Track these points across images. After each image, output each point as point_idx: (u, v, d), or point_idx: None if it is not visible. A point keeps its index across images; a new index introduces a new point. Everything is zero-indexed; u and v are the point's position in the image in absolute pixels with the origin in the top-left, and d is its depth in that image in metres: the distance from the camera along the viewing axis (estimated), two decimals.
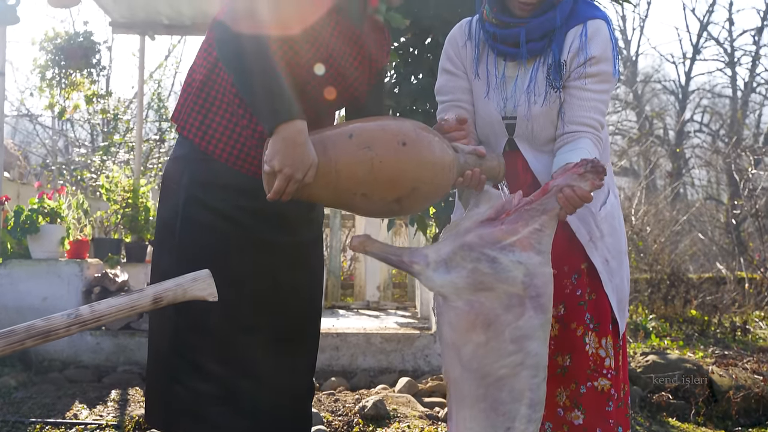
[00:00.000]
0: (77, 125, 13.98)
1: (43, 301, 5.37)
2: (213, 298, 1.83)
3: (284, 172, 1.85)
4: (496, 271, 1.90)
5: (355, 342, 5.21)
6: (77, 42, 6.72)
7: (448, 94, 2.38)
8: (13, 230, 5.41)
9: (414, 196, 1.96)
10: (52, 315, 1.72)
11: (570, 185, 1.94)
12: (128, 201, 6.66)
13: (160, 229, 2.28)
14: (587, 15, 2.24)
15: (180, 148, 2.25)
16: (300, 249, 2.29)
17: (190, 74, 2.26)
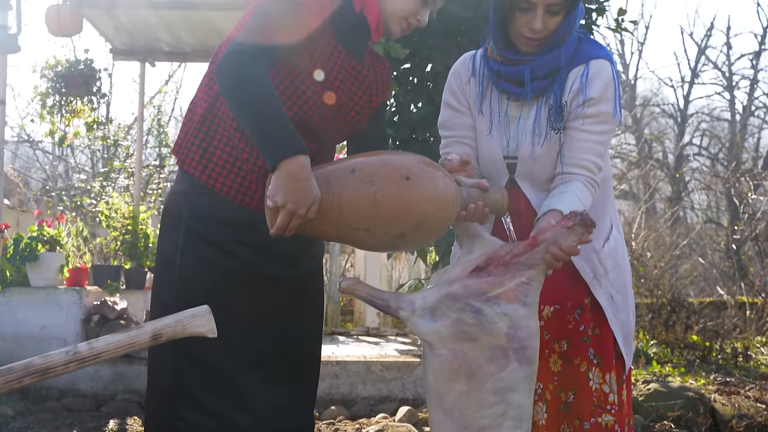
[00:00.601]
0: (77, 151, 14.00)
1: (42, 329, 5.36)
2: (212, 335, 1.82)
3: (287, 207, 1.84)
4: (481, 322, 1.91)
5: (355, 370, 5.18)
6: (78, 69, 6.75)
7: (451, 130, 2.36)
8: (12, 258, 5.41)
9: (418, 230, 1.95)
10: (51, 352, 1.71)
11: (557, 243, 1.93)
12: (128, 228, 6.68)
13: (160, 263, 2.27)
14: (590, 55, 2.22)
15: (180, 183, 2.25)
16: (300, 282, 2.28)
17: (191, 108, 2.27)
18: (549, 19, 2.13)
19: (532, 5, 2.11)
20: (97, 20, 7.39)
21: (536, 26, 2.12)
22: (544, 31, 2.14)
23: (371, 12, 2.17)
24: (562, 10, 2.12)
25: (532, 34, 2.15)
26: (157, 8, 7.17)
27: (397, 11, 2.17)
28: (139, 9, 7.18)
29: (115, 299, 5.67)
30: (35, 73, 6.82)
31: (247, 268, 2.16)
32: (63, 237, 5.60)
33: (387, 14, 2.18)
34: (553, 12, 2.12)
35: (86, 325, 5.42)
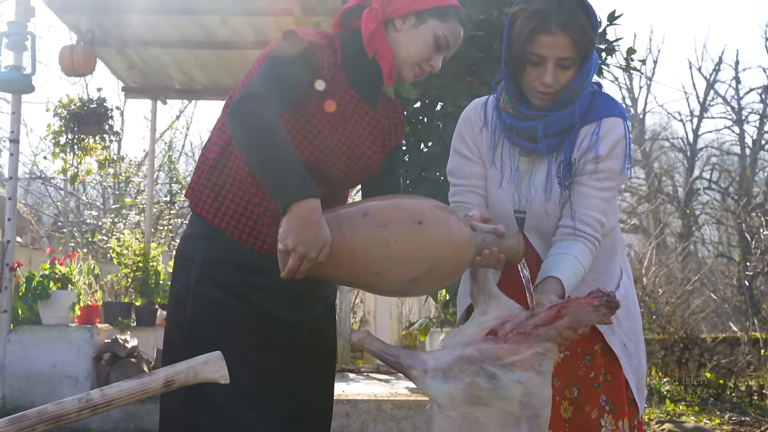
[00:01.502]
0: (89, 186, 14.09)
1: (53, 367, 5.36)
2: (225, 381, 1.81)
3: (298, 250, 1.83)
4: (495, 387, 1.87)
5: (366, 409, 5.16)
6: (90, 108, 6.82)
7: (462, 178, 2.33)
8: (25, 296, 5.44)
9: (430, 275, 1.93)
10: (64, 399, 1.71)
11: (577, 324, 1.88)
12: (139, 264, 6.69)
13: (173, 305, 2.28)
14: (603, 113, 2.18)
15: (192, 226, 2.27)
16: (312, 325, 2.28)
17: (204, 152, 2.28)
18: (560, 73, 2.09)
19: (543, 59, 2.08)
20: (109, 59, 7.49)
21: (547, 80, 2.09)
22: (555, 85, 2.10)
23: (384, 58, 2.18)
24: (573, 64, 2.09)
25: (544, 88, 2.11)
26: (169, 47, 7.27)
27: (410, 57, 2.18)
28: (151, 48, 7.29)
29: (126, 337, 5.67)
30: (48, 112, 6.89)
31: (258, 312, 2.16)
32: (75, 275, 5.62)
33: (400, 60, 2.18)
34: (565, 66, 2.08)
35: (97, 363, 5.42)
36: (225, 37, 7.08)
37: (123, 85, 8.21)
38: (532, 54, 2.09)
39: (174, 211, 11.85)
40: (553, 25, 2.04)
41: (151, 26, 6.91)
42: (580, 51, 2.07)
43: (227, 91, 8.13)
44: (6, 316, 5.42)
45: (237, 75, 7.84)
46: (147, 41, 7.20)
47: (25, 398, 5.32)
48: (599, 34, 4.03)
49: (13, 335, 5.41)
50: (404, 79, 2.24)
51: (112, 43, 7.10)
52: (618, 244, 2.35)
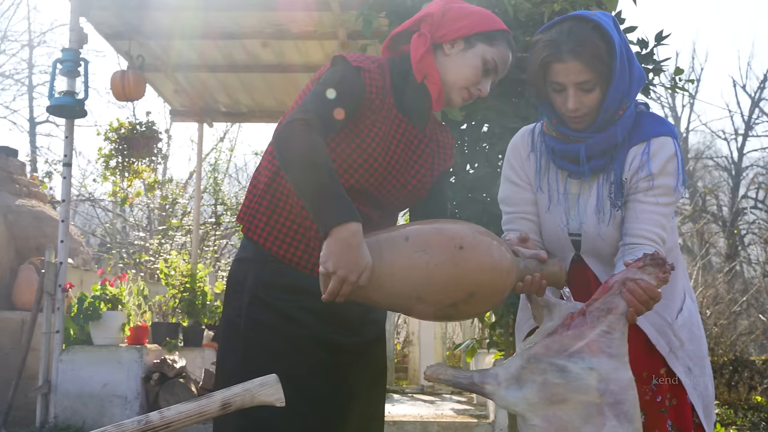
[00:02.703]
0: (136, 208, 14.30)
1: (104, 387, 5.44)
2: (280, 404, 1.83)
3: (338, 274, 1.84)
4: (567, 380, 1.82)
5: (412, 430, 5.15)
6: (140, 132, 6.94)
7: (513, 206, 2.34)
8: (77, 317, 5.53)
9: (471, 301, 1.93)
10: (124, 421, 1.74)
11: (632, 278, 1.87)
12: (186, 285, 6.77)
13: (225, 329, 2.30)
14: (652, 132, 2.18)
15: (244, 250, 2.29)
16: (363, 348, 2.29)
17: (256, 176, 2.31)
18: (584, 96, 2.10)
19: (563, 86, 2.11)
20: (158, 83, 7.64)
21: (570, 106, 2.11)
22: (582, 108, 2.12)
23: (433, 82, 2.19)
24: (595, 86, 2.09)
25: (571, 113, 2.13)
26: (215, 71, 7.39)
27: (459, 82, 2.19)
28: (198, 72, 7.41)
29: (174, 357, 5.74)
30: (99, 135, 7.04)
31: (310, 335, 2.18)
32: (124, 296, 5.71)
33: (449, 85, 2.19)
34: (586, 89, 2.09)
35: (146, 383, 5.49)
36: (270, 60, 7.18)
37: (170, 108, 8.36)
38: (551, 82, 2.12)
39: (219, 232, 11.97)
40: (564, 53, 2.07)
41: (199, 51, 7.04)
42: (597, 73, 2.08)
43: (272, 113, 8.26)
44: (58, 336, 5.52)
45: (282, 98, 7.95)
46: (194, 65, 7.34)
47: (76, 417, 5.40)
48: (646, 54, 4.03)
49: (65, 355, 5.50)
50: (453, 104, 2.25)
51: (161, 67, 7.24)
52: (679, 266, 2.31)
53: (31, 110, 19.83)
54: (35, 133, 19.65)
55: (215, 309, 6.86)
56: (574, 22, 2.12)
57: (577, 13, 2.18)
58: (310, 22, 6.37)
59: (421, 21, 2.21)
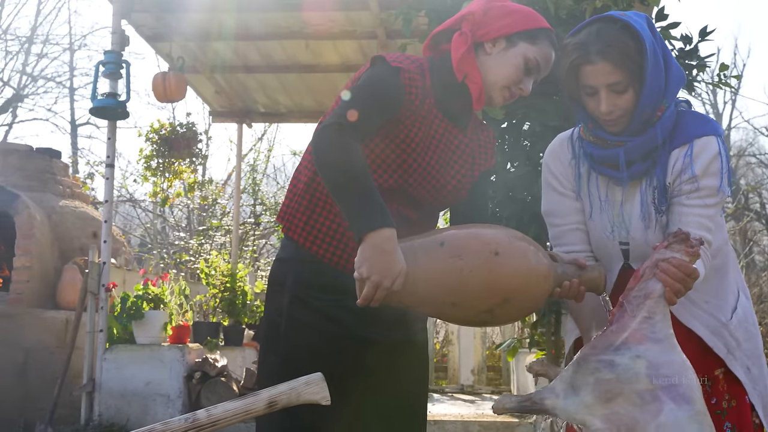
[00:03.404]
0: (176, 208, 14.46)
1: (147, 385, 5.50)
2: (326, 402, 1.84)
3: (372, 279, 1.85)
4: (617, 373, 1.80)
5: (453, 430, 5.14)
6: (180, 133, 7.01)
7: (561, 217, 2.28)
8: (120, 316, 5.60)
9: (507, 306, 1.91)
10: (171, 419, 1.76)
11: (663, 258, 1.85)
12: (226, 285, 6.82)
13: (266, 329, 2.31)
14: (694, 132, 2.11)
15: (285, 249, 2.30)
16: (404, 347, 2.28)
17: (296, 175, 2.32)
18: (616, 98, 2.05)
19: (594, 89, 2.06)
20: (198, 85, 7.71)
21: (602, 108, 2.06)
22: (616, 110, 2.07)
23: (473, 82, 2.17)
24: (628, 87, 2.04)
25: (605, 116, 2.08)
26: (255, 71, 7.44)
27: (500, 81, 2.17)
28: (237, 73, 7.46)
29: (216, 356, 5.79)
30: (140, 137, 7.12)
31: (350, 334, 2.18)
32: (166, 295, 5.77)
33: (490, 84, 2.17)
34: (619, 90, 2.05)
35: (188, 382, 5.54)
36: (309, 60, 7.21)
37: (210, 109, 8.43)
38: (583, 85, 2.08)
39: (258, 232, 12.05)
40: (592, 54, 2.04)
41: (238, 52, 7.09)
42: (629, 73, 2.03)
43: (311, 113, 8.29)
44: (102, 335, 5.60)
45: (320, 98, 7.98)
46: (233, 66, 7.39)
47: (120, 415, 5.47)
48: (690, 50, 3.98)
49: (109, 354, 5.58)
50: (494, 103, 2.23)
51: (200, 69, 7.31)
52: (730, 263, 2.26)
53: (73, 112, 20.15)
54: (77, 134, 19.95)
55: (255, 308, 6.91)
56: (602, 23, 2.08)
57: (606, 14, 2.14)
58: (348, 22, 6.39)
59: (463, 20, 2.20)
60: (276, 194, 14.03)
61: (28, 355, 6.46)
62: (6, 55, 17.73)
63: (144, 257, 10.38)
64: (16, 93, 17.09)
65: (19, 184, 7.35)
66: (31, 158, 7.75)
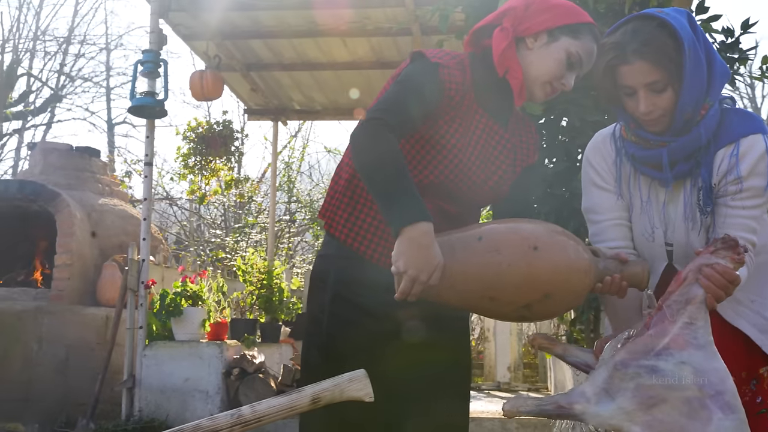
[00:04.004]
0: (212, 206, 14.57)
1: (185, 381, 5.55)
2: (369, 399, 1.85)
3: (409, 273, 1.85)
4: (662, 379, 1.77)
5: (490, 427, 5.12)
6: (217, 131, 7.06)
7: (602, 213, 2.25)
8: (159, 313, 5.65)
9: (545, 302, 1.90)
10: (217, 415, 1.78)
11: (707, 264, 1.82)
12: (263, 282, 6.86)
13: (309, 326, 2.32)
14: (740, 131, 2.06)
15: (327, 246, 2.31)
16: (446, 344, 2.28)
17: (338, 172, 2.32)
18: (656, 97, 2.02)
19: (632, 89, 2.04)
20: (234, 83, 7.76)
21: (642, 108, 2.04)
22: (656, 110, 2.04)
23: (515, 77, 2.16)
24: (667, 85, 2.01)
25: (644, 116, 2.05)
26: (290, 69, 7.47)
27: (542, 76, 2.15)
28: (272, 70, 7.50)
29: (254, 353, 5.82)
30: (178, 135, 7.18)
31: (393, 331, 2.18)
32: (205, 292, 5.81)
33: (531, 79, 2.16)
34: (658, 90, 2.02)
35: (226, 379, 5.58)
36: (344, 57, 7.22)
37: (245, 107, 8.47)
38: (621, 86, 2.06)
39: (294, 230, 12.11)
40: (629, 54, 2.01)
41: (273, 49, 7.12)
42: (667, 72, 2.00)
43: (345, 110, 8.31)
44: (142, 332, 5.66)
45: (355, 95, 7.99)
46: (269, 64, 7.43)
47: (160, 411, 5.52)
48: (732, 43, 3.92)
49: (148, 350, 5.63)
50: (535, 98, 2.22)
51: (236, 67, 7.35)
52: None
53: (109, 111, 20.40)
54: (113, 133, 20.19)
55: (291, 306, 6.94)
56: (639, 21, 2.06)
57: (643, 11, 2.11)
58: (384, 19, 6.39)
59: (504, 15, 2.19)
60: (311, 191, 14.09)
61: (69, 352, 6.56)
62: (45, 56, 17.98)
63: (181, 255, 10.46)
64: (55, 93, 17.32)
65: (59, 182, 7.45)
66: (71, 157, 7.86)
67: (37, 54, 17.62)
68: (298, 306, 7.04)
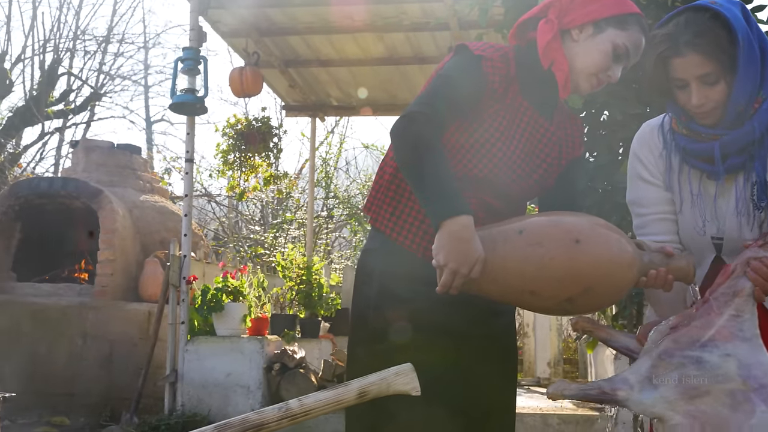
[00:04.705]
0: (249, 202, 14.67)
1: (227, 376, 5.59)
2: (416, 393, 1.84)
3: (449, 266, 1.85)
4: (706, 371, 1.76)
5: (532, 423, 5.09)
6: (256, 127, 7.10)
7: (647, 206, 2.21)
8: (200, 308, 5.70)
9: (588, 296, 1.88)
10: (264, 408, 1.78)
11: (755, 257, 1.80)
12: (302, 278, 6.89)
13: (354, 320, 2.32)
14: None
15: (372, 240, 2.31)
16: (491, 340, 2.27)
17: (382, 167, 2.32)
18: (708, 90, 1.98)
19: (684, 81, 2.00)
20: (272, 79, 7.80)
21: (694, 101, 2.00)
22: (708, 102, 2.00)
23: (560, 69, 2.14)
24: (720, 78, 1.97)
25: (696, 109, 2.02)
26: (328, 65, 7.48)
27: (588, 68, 2.13)
28: (310, 66, 7.52)
29: (294, 348, 5.85)
30: (217, 132, 7.23)
31: (438, 325, 2.17)
32: (245, 288, 5.85)
33: (576, 71, 2.14)
34: (710, 82, 1.97)
35: (268, 374, 5.61)
36: (381, 53, 7.23)
37: (283, 104, 8.51)
38: (672, 78, 2.02)
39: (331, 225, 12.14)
40: (681, 46, 1.97)
41: (311, 46, 7.14)
42: (720, 64, 1.95)
43: (383, 106, 8.30)
44: (184, 327, 5.71)
45: (393, 90, 7.99)
46: (307, 60, 7.45)
47: (202, 406, 5.58)
48: None
49: (190, 345, 5.68)
50: (581, 91, 2.19)
51: (274, 63, 7.38)
52: None
53: (147, 109, 20.62)
54: (151, 131, 20.40)
55: (331, 301, 6.96)
56: (691, 12, 2.01)
57: (696, 2, 2.06)
58: (421, 14, 6.38)
59: (549, 7, 2.17)
60: (348, 187, 14.12)
61: (113, 347, 6.65)
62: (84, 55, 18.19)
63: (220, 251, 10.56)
64: (94, 91, 17.53)
65: (101, 179, 7.56)
66: (113, 154, 7.96)
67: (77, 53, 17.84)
68: (338, 302, 7.06)
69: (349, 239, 13.95)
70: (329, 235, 12.18)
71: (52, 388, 6.50)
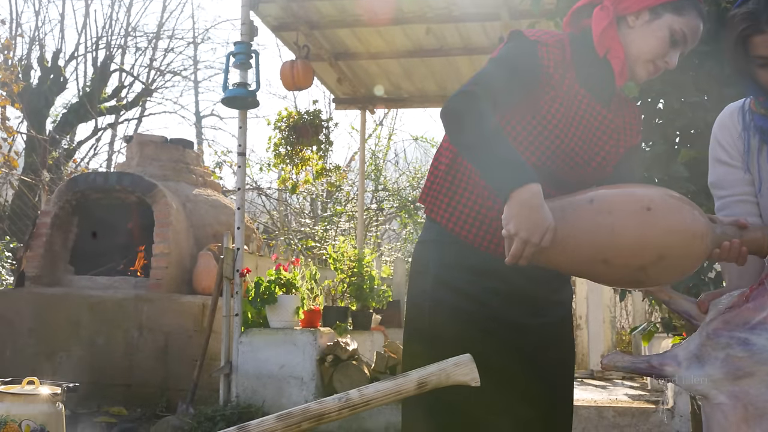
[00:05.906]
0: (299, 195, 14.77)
1: (281, 368, 5.64)
2: (475, 383, 1.84)
3: (520, 235, 1.81)
4: (752, 353, 1.75)
5: (586, 416, 5.05)
6: (307, 120, 7.14)
7: (727, 188, 2.18)
8: (254, 301, 5.76)
9: (661, 264, 1.85)
10: (325, 399, 1.80)
11: None
12: (354, 270, 6.91)
13: (410, 311, 2.32)
14: None
15: (428, 231, 2.30)
16: (548, 330, 2.25)
17: (437, 158, 2.31)
18: None
19: (766, 59, 1.96)
20: (321, 72, 7.83)
21: None
22: None
23: (616, 56, 2.12)
24: None
25: None
26: (377, 58, 7.49)
27: (644, 54, 2.10)
28: (360, 59, 7.53)
29: (347, 340, 5.87)
30: (269, 125, 7.29)
31: (495, 316, 2.16)
32: (298, 280, 5.89)
33: (633, 58, 2.12)
34: None
35: (321, 365, 5.65)
36: (431, 45, 7.20)
37: (333, 97, 8.54)
38: (753, 57, 1.98)
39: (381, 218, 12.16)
40: (762, 23, 1.93)
41: (361, 38, 7.15)
42: None
43: (433, 98, 8.29)
44: (237, 319, 5.78)
45: (443, 82, 7.96)
46: (356, 53, 7.46)
47: (256, 397, 5.64)
48: None
49: (244, 337, 5.75)
50: (638, 78, 2.16)
51: (324, 56, 7.41)
52: None
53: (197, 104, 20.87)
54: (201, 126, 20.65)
55: (382, 293, 6.98)
56: None
57: None
58: (471, 4, 6.35)
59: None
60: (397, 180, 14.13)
61: (168, 339, 6.76)
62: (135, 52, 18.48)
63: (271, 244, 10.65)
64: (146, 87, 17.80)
65: (155, 173, 7.67)
66: (166, 149, 8.07)
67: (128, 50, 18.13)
68: (389, 294, 7.07)
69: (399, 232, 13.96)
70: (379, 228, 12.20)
71: (110, 379, 6.64)
